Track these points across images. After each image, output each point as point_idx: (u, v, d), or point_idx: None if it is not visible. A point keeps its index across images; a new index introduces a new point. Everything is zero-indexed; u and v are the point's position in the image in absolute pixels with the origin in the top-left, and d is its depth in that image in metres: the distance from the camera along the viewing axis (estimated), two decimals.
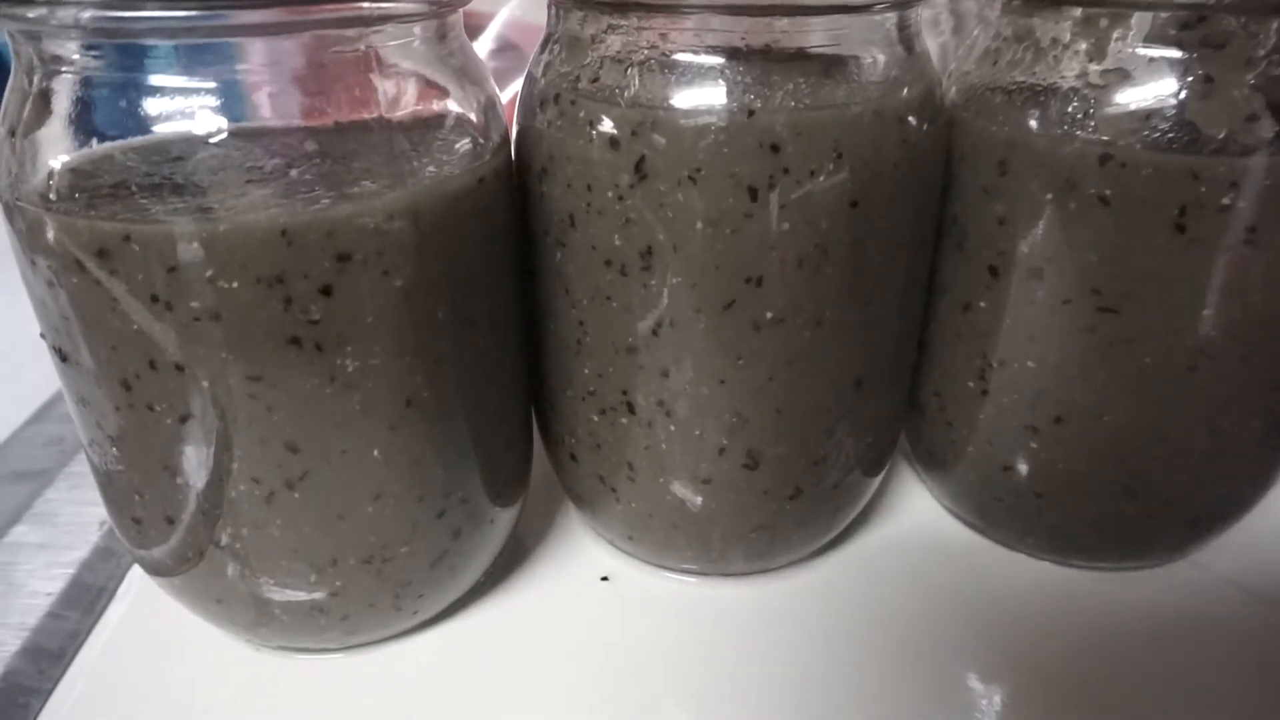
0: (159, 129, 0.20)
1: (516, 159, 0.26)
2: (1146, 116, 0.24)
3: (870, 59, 0.24)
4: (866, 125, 0.23)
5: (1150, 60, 0.24)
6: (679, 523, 0.28)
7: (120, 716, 0.26)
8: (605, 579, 0.31)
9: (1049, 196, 0.25)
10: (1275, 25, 0.23)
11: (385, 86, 0.23)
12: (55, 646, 0.28)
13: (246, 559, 0.24)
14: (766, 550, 0.30)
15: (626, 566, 0.32)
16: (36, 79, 0.21)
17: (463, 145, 0.24)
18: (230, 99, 0.21)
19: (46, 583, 0.31)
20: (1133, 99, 0.24)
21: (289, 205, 0.21)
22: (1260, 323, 0.25)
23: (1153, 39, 0.24)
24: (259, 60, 0.21)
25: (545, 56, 0.26)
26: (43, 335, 0.23)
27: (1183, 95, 0.23)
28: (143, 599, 0.30)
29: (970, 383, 0.29)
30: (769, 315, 0.24)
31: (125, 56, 0.20)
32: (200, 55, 0.20)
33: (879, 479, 0.32)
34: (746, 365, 0.25)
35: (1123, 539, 0.30)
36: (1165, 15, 0.23)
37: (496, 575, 0.31)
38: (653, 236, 0.24)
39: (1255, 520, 0.30)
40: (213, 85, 0.20)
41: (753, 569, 0.31)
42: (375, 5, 0.21)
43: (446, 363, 0.24)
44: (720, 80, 0.23)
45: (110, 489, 0.25)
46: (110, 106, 0.21)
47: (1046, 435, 0.28)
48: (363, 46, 0.22)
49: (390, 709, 0.26)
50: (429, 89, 0.24)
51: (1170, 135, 0.24)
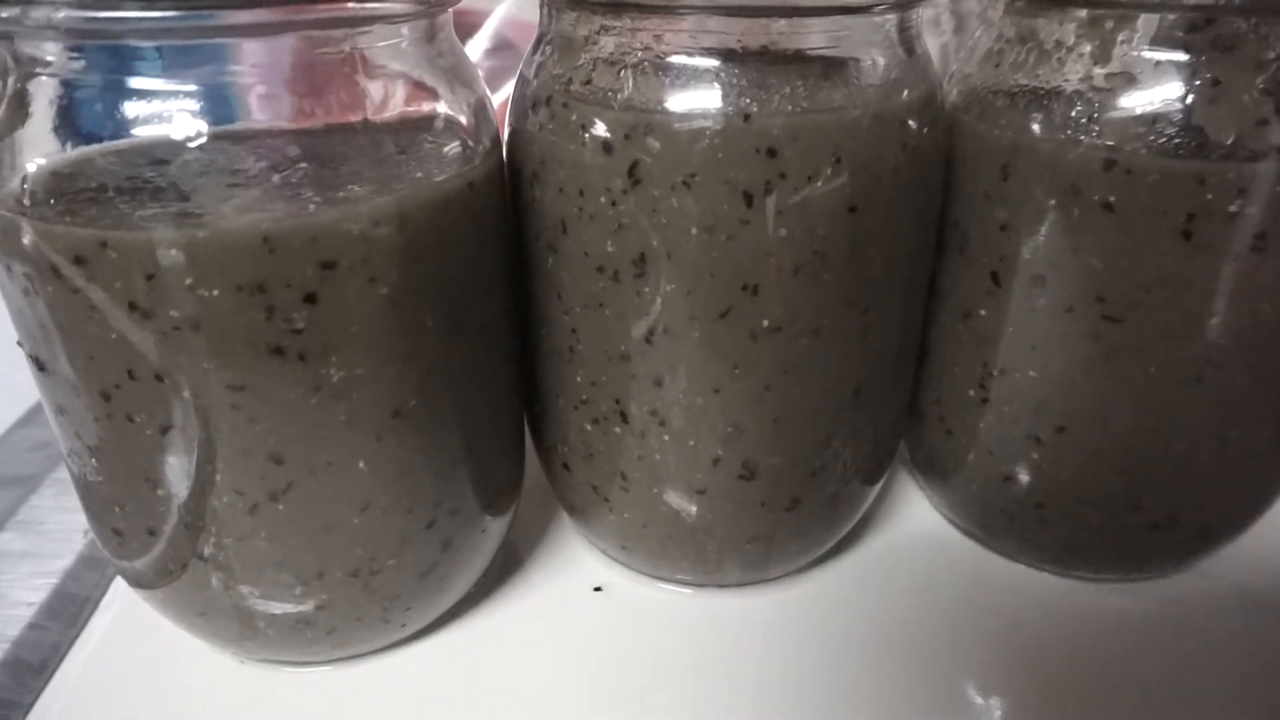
0: (138, 132, 0.20)
1: (508, 162, 0.26)
2: (1153, 121, 0.23)
3: (870, 61, 0.24)
4: (866, 129, 0.22)
5: (1157, 63, 0.23)
6: (673, 533, 0.28)
7: None
8: (599, 589, 0.31)
9: (1052, 202, 0.25)
10: None
11: (372, 88, 0.22)
12: (37, 659, 0.28)
13: (230, 572, 0.24)
14: (763, 561, 0.29)
15: (620, 577, 0.31)
16: (12, 80, 0.20)
17: (452, 148, 0.24)
18: (212, 101, 0.20)
19: (29, 593, 0.30)
20: (1138, 103, 0.23)
21: (271, 211, 0.20)
22: (1268, 331, 0.25)
23: (1159, 41, 0.23)
24: (242, 62, 0.20)
25: (537, 57, 0.25)
26: (20, 343, 0.22)
27: (1190, 99, 0.23)
28: (127, 610, 0.29)
29: (971, 391, 0.29)
30: (766, 323, 0.24)
31: (104, 57, 0.20)
32: (181, 57, 0.20)
33: (877, 488, 0.31)
34: (742, 374, 0.25)
35: (1126, 550, 0.29)
36: (1173, 17, 0.23)
37: (488, 585, 0.31)
38: (646, 243, 0.23)
39: (1262, 531, 0.30)
40: (194, 87, 0.20)
41: (749, 580, 0.30)
42: (362, 6, 0.21)
43: (435, 371, 0.24)
44: (716, 83, 0.22)
45: (90, 500, 0.24)
46: (89, 109, 0.20)
47: (1049, 445, 0.28)
48: (349, 48, 0.21)
49: None
50: (417, 90, 0.23)
51: (1177, 140, 0.23)
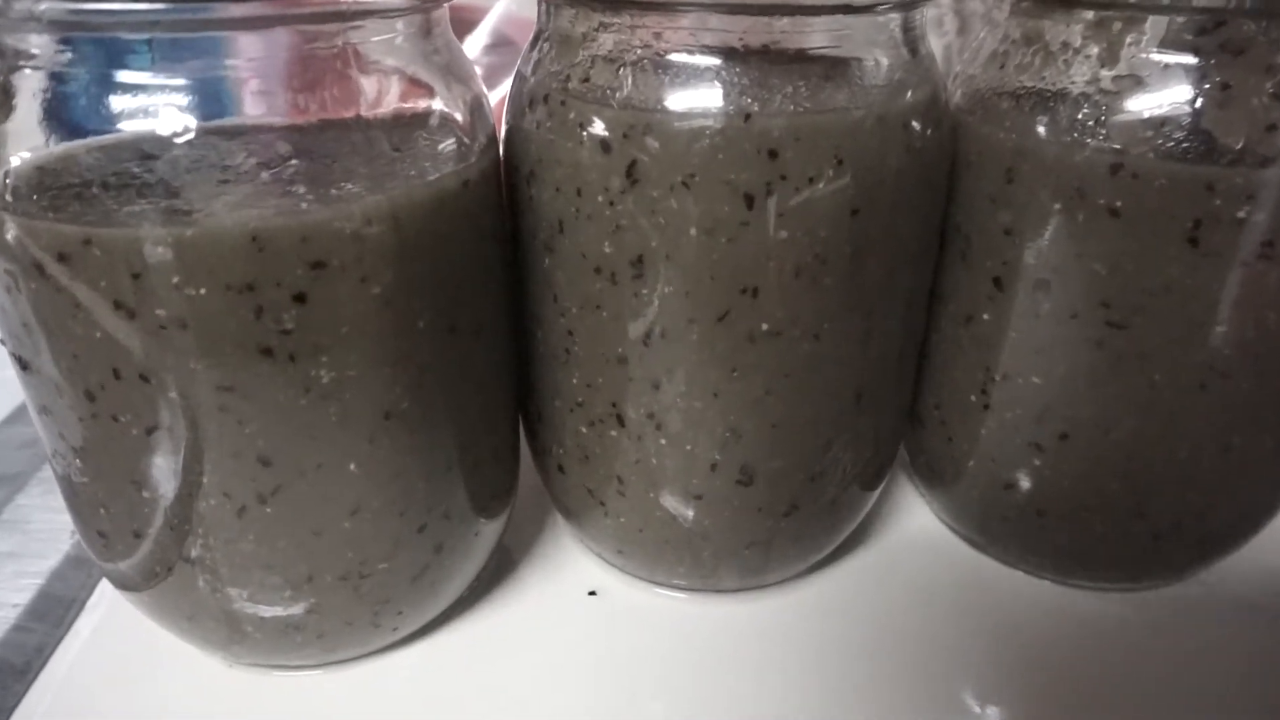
0: (126, 126, 0.19)
1: (504, 161, 0.25)
2: (1160, 125, 0.23)
3: (873, 61, 0.23)
4: (868, 130, 0.22)
5: (1165, 66, 0.23)
6: (670, 538, 0.28)
7: None
8: (593, 593, 0.30)
9: (1057, 206, 0.24)
10: None
11: (366, 84, 0.22)
12: (21, 661, 0.27)
13: (217, 575, 0.23)
14: (760, 566, 0.29)
15: (616, 581, 0.31)
16: None
17: (447, 146, 0.23)
18: (202, 96, 0.20)
19: (14, 593, 0.30)
20: (1146, 106, 0.23)
21: (260, 209, 0.20)
22: (1274, 340, 0.24)
23: (1168, 44, 0.23)
24: (233, 56, 0.20)
25: (535, 54, 0.25)
26: (2, 341, 0.22)
27: (1198, 103, 0.23)
28: (113, 612, 0.29)
29: (973, 396, 0.28)
30: (765, 327, 0.23)
31: (92, 50, 0.19)
32: (171, 50, 0.19)
33: (877, 494, 0.31)
34: (741, 378, 0.24)
35: (1129, 559, 0.29)
36: (1182, 19, 0.22)
37: (481, 588, 0.30)
38: (644, 244, 0.23)
39: (1265, 540, 0.30)
40: (183, 82, 0.19)
41: (746, 585, 0.30)
42: (356, 0, 0.20)
43: (429, 372, 0.23)
44: (716, 82, 0.22)
45: (75, 501, 0.24)
46: (75, 102, 0.20)
47: (1051, 452, 0.27)
48: (342, 42, 0.21)
49: None
50: (412, 87, 0.23)
51: (1185, 145, 0.23)
